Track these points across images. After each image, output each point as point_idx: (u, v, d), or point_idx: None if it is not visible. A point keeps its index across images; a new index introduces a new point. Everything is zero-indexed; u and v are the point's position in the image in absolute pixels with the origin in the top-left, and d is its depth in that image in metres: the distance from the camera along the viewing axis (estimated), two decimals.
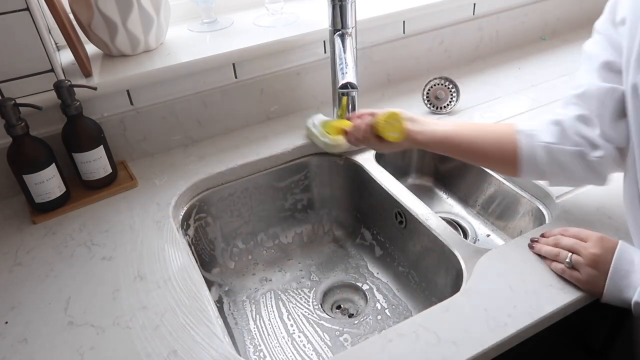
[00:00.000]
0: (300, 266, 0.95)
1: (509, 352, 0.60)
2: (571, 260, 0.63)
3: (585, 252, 0.62)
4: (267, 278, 0.93)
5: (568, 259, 0.63)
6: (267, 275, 0.93)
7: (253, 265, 0.95)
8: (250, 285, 0.91)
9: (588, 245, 0.62)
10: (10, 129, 0.74)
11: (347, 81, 0.75)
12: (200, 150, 0.95)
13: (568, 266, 0.63)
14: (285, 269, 0.95)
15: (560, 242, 0.66)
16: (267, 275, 0.93)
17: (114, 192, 0.84)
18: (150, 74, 0.87)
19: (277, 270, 0.94)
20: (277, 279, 0.93)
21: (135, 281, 0.68)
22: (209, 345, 0.59)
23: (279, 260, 0.96)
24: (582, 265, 0.62)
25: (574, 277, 0.63)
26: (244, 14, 1.06)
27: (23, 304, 0.66)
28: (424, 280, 0.85)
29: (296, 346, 0.80)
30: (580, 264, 0.62)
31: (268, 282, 0.92)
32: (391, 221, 0.89)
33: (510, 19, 1.20)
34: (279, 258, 0.97)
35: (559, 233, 0.68)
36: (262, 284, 0.92)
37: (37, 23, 0.75)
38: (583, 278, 0.62)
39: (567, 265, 0.63)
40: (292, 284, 0.92)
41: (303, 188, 0.98)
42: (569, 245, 0.64)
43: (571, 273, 0.63)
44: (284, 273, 0.94)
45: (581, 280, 0.62)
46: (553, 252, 0.65)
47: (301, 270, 0.94)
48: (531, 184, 0.82)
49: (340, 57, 0.80)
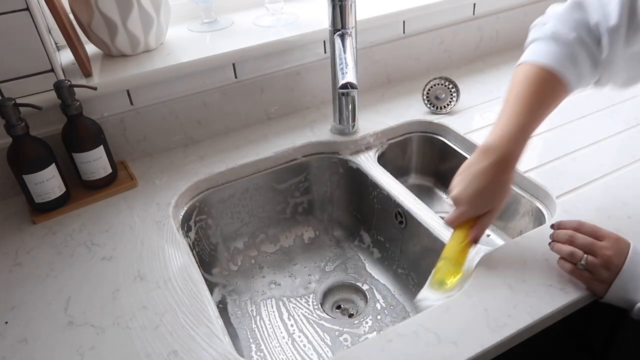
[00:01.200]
0: (300, 266, 0.95)
1: (509, 352, 0.60)
2: (586, 262, 0.61)
3: (600, 253, 0.60)
4: (267, 278, 0.93)
5: (583, 261, 0.61)
6: (267, 276, 0.93)
7: (253, 265, 0.95)
8: (250, 285, 0.91)
9: (604, 245, 0.61)
10: (10, 129, 0.74)
11: (347, 81, 0.75)
12: (200, 150, 0.95)
13: (581, 268, 0.61)
14: (286, 268, 0.95)
15: (575, 240, 0.63)
16: (267, 275, 0.93)
17: (114, 192, 0.84)
18: (150, 74, 0.87)
19: (278, 270, 0.94)
20: (277, 279, 0.93)
21: (135, 281, 0.68)
22: (209, 345, 0.59)
23: (280, 261, 0.96)
24: (596, 266, 0.60)
25: (583, 276, 0.62)
26: (244, 14, 1.06)
27: (23, 304, 0.66)
28: (424, 281, 0.85)
29: (296, 346, 0.80)
30: (595, 265, 0.60)
31: (268, 282, 0.92)
32: (391, 221, 0.89)
33: (510, 19, 1.20)
34: (279, 259, 0.97)
35: (573, 228, 0.64)
36: (262, 284, 0.92)
37: (37, 23, 0.75)
38: (593, 278, 0.61)
39: (580, 267, 0.61)
40: (292, 283, 0.92)
41: (303, 188, 0.98)
42: (584, 245, 0.62)
43: (581, 273, 0.62)
44: (284, 273, 0.94)
45: (589, 281, 0.61)
46: (566, 251, 0.63)
47: (301, 271, 0.94)
48: (531, 184, 0.82)
49: (340, 57, 0.80)
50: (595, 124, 0.94)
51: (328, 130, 0.98)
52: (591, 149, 0.88)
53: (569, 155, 0.86)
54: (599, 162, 0.84)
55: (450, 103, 1.01)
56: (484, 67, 1.17)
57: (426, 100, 1.02)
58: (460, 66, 1.17)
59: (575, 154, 0.86)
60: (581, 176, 0.81)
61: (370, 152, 0.95)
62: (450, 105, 1.01)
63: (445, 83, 1.00)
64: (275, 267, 0.95)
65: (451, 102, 1.01)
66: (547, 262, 0.67)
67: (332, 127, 0.98)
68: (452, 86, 1.01)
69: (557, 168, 0.84)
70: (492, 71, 1.15)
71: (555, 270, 0.65)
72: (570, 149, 0.88)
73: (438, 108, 1.01)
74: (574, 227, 0.64)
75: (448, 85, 1.01)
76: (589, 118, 0.96)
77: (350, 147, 0.95)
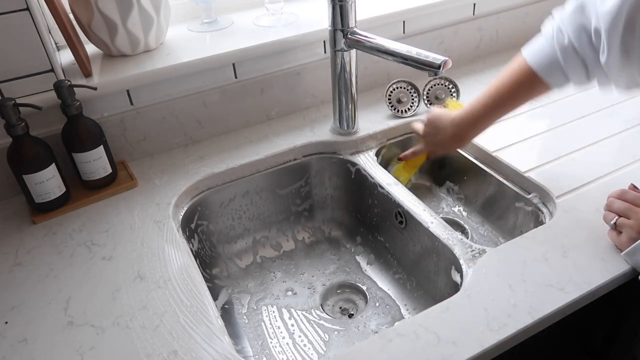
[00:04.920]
0: (300, 266, 0.95)
1: (509, 352, 0.60)
2: (615, 223, 0.66)
3: (636, 217, 0.65)
4: (267, 278, 0.93)
5: (613, 221, 0.67)
6: (267, 276, 0.93)
7: (254, 266, 0.95)
8: (251, 285, 0.91)
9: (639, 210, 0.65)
10: (10, 129, 0.74)
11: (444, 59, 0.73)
12: (200, 150, 0.95)
13: (611, 227, 0.67)
14: (286, 269, 0.95)
15: (612, 205, 0.69)
16: (267, 275, 0.93)
17: (114, 192, 0.84)
18: (150, 74, 0.87)
19: (278, 270, 0.94)
20: (277, 278, 0.93)
21: (135, 281, 0.68)
22: (209, 345, 0.59)
23: (280, 261, 0.96)
24: (625, 226, 0.65)
25: (611, 235, 0.67)
26: (244, 14, 1.06)
27: (23, 304, 0.66)
28: (424, 280, 0.85)
29: (297, 346, 0.80)
30: (624, 225, 0.65)
31: (268, 282, 0.92)
32: (391, 221, 0.89)
33: (510, 19, 1.20)
34: (279, 259, 0.97)
35: (616, 196, 0.70)
36: (262, 284, 0.92)
37: (37, 23, 0.75)
38: (624, 240, 0.65)
39: (610, 226, 0.67)
40: (292, 283, 0.92)
41: (302, 188, 0.98)
42: (620, 209, 0.67)
43: (610, 232, 0.68)
44: (285, 273, 0.94)
45: (617, 238, 0.66)
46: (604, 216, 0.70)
47: (301, 271, 0.94)
48: (531, 184, 0.82)
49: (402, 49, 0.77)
50: (595, 124, 0.94)
51: (328, 130, 0.98)
52: (591, 149, 0.88)
53: (569, 155, 0.86)
54: (599, 162, 0.84)
55: None
56: (484, 67, 1.17)
57: (426, 100, 1.02)
58: (460, 66, 1.17)
59: (575, 154, 0.87)
60: (581, 176, 0.81)
61: (370, 152, 0.95)
62: None
63: (445, 83, 1.00)
64: (276, 267, 0.95)
65: None
66: (547, 262, 0.67)
67: (332, 127, 0.98)
68: (452, 86, 1.01)
69: (557, 168, 0.84)
70: (492, 71, 1.15)
71: (556, 270, 0.65)
72: (570, 149, 0.88)
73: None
74: (617, 194, 0.70)
75: (448, 85, 1.01)
76: (589, 118, 0.96)
77: (350, 147, 0.95)
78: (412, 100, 1.01)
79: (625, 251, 0.64)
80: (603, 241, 0.69)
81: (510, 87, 0.75)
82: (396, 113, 1.01)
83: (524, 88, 0.74)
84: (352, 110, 0.93)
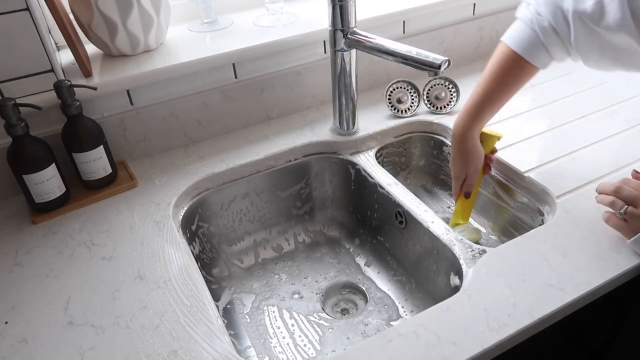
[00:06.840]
0: (300, 266, 0.95)
1: (509, 352, 0.60)
2: (625, 212, 0.65)
3: None
4: (267, 279, 0.93)
5: (622, 210, 0.65)
6: (267, 276, 0.93)
7: (254, 267, 0.95)
8: (251, 286, 0.91)
9: None
10: (10, 129, 0.74)
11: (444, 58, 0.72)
12: (200, 150, 0.95)
13: (619, 217, 0.66)
14: (286, 268, 0.95)
15: (621, 192, 0.67)
16: (267, 275, 0.93)
17: (114, 192, 0.84)
18: (150, 74, 0.87)
19: (278, 270, 0.94)
20: (277, 278, 0.93)
21: (135, 281, 0.68)
22: (209, 345, 0.59)
23: (280, 261, 0.96)
24: (634, 216, 0.64)
25: (618, 224, 0.67)
26: (244, 14, 1.06)
27: (23, 304, 0.66)
28: (424, 280, 0.85)
29: (297, 346, 0.80)
30: (633, 214, 0.64)
31: (268, 282, 0.92)
32: (391, 221, 0.89)
33: (510, 19, 1.19)
34: (279, 258, 0.97)
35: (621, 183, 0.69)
36: (262, 284, 0.92)
37: (37, 23, 0.75)
38: (628, 227, 0.65)
39: (618, 215, 0.66)
40: (292, 284, 0.92)
41: (303, 189, 0.98)
42: (628, 197, 0.66)
43: (617, 221, 0.67)
44: (285, 273, 0.94)
45: (623, 228, 0.66)
46: (608, 200, 0.68)
47: (301, 271, 0.94)
48: (531, 184, 0.82)
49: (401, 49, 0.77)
50: (595, 124, 0.94)
51: (328, 130, 0.98)
52: (591, 149, 0.88)
53: (569, 155, 0.86)
54: (599, 162, 0.84)
55: (450, 103, 1.01)
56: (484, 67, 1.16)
57: (426, 100, 1.02)
58: (460, 66, 1.17)
59: (575, 154, 0.87)
60: (581, 176, 0.81)
61: (370, 152, 0.95)
62: (450, 105, 1.01)
63: (445, 83, 1.01)
64: (276, 267, 0.95)
65: (451, 102, 1.01)
66: (547, 262, 0.67)
67: (332, 127, 0.98)
68: (452, 86, 1.01)
69: (557, 168, 0.84)
70: None
71: (556, 270, 0.65)
72: (570, 149, 0.88)
73: (438, 108, 1.01)
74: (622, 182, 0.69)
75: (448, 85, 1.01)
76: (589, 118, 0.96)
77: (350, 147, 0.96)
78: (412, 100, 1.01)
79: (632, 238, 0.64)
80: (603, 241, 0.69)
81: (499, 77, 0.76)
82: (396, 113, 1.01)
83: (512, 74, 0.76)
84: (352, 110, 0.93)
